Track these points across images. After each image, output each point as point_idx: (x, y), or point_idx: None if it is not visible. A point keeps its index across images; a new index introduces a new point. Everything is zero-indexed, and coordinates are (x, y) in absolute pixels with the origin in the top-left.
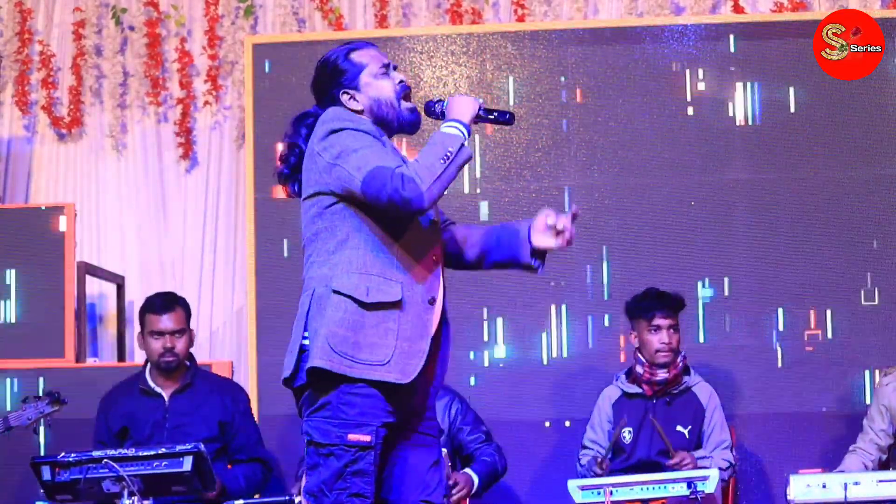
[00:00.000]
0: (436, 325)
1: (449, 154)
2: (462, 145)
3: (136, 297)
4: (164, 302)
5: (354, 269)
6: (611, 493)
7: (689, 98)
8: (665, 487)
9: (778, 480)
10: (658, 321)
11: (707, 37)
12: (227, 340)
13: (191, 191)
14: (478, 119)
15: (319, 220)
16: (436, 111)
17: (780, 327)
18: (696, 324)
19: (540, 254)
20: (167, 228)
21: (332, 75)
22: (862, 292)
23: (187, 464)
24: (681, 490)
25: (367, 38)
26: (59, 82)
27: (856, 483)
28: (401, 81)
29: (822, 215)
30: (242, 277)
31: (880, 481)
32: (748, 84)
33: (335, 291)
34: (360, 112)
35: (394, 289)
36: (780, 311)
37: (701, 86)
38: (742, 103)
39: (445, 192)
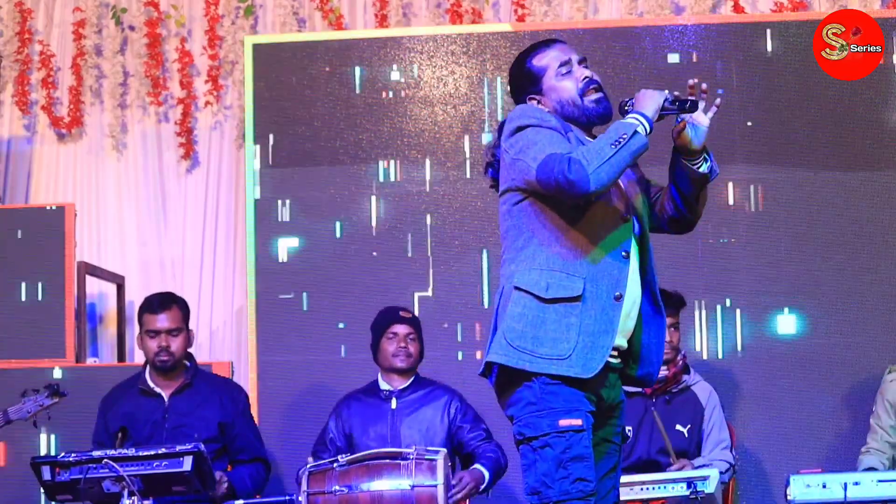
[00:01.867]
0: (630, 322)
1: (621, 140)
2: (636, 132)
3: (136, 297)
4: (161, 301)
5: (537, 265)
6: None
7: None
8: (665, 487)
9: (778, 480)
10: None
11: (707, 37)
12: (226, 340)
13: (191, 191)
14: (663, 111)
15: (509, 218)
16: (625, 109)
17: (781, 327)
18: (696, 323)
19: (696, 154)
20: (167, 228)
21: (519, 82)
22: (864, 291)
23: (187, 464)
24: (680, 490)
25: (367, 36)
26: (59, 82)
27: (856, 483)
28: (585, 77)
29: (823, 215)
30: (242, 277)
31: (880, 481)
32: (748, 83)
33: (517, 288)
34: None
35: (575, 284)
36: (781, 310)
37: (701, 86)
38: (742, 103)
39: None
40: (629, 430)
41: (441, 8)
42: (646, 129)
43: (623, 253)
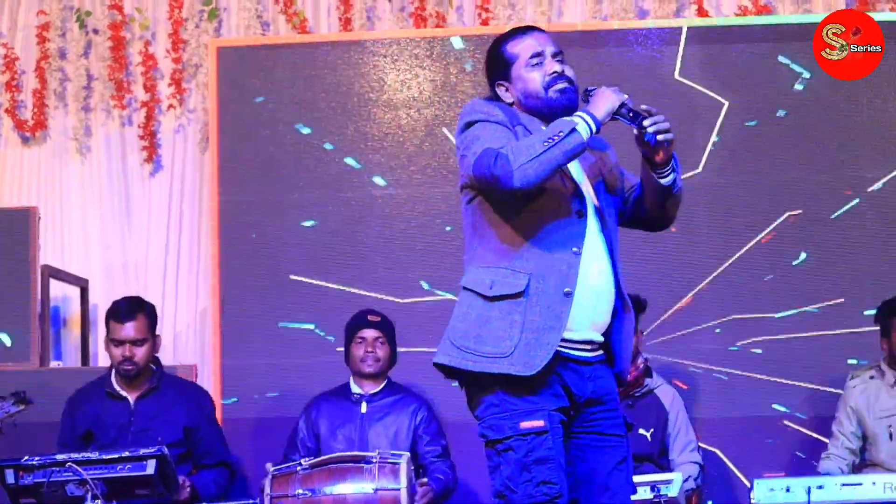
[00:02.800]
0: (598, 316)
1: (555, 137)
2: (573, 130)
3: (99, 301)
4: (127, 309)
5: (485, 263)
6: None
7: (653, 101)
8: None
9: (741, 484)
10: None
11: (671, 40)
12: (190, 343)
13: (155, 194)
14: (616, 114)
15: (465, 217)
16: (586, 98)
17: (743, 330)
18: (659, 326)
19: (660, 165)
20: (131, 231)
21: (490, 67)
22: (827, 294)
23: (150, 467)
24: (645, 494)
25: (331, 40)
26: (23, 85)
27: (819, 487)
28: (554, 72)
29: (785, 219)
30: (206, 280)
31: (844, 485)
32: (713, 87)
33: (464, 287)
34: (513, 104)
35: (520, 280)
36: (744, 314)
37: (664, 89)
38: (706, 106)
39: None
40: None
41: (405, 12)
42: (589, 129)
43: (574, 248)
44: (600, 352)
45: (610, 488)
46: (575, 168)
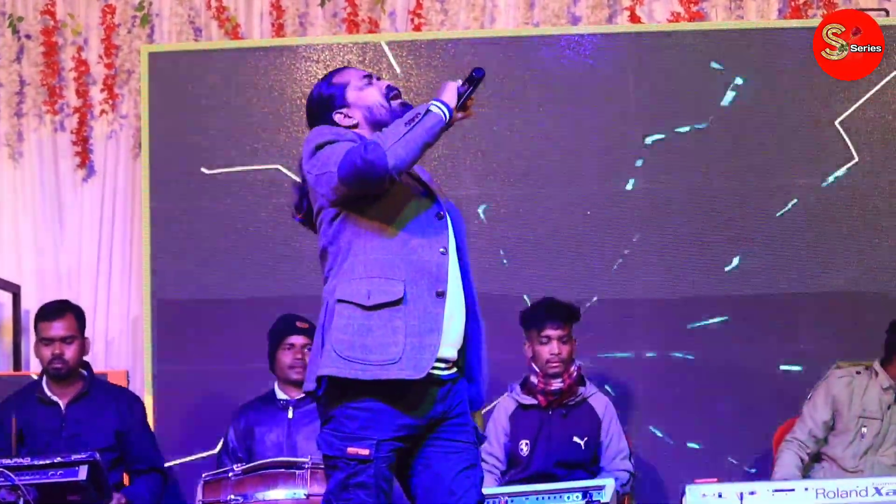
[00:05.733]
0: (455, 325)
1: (414, 118)
2: (429, 111)
3: (32, 306)
4: (55, 309)
5: (357, 275)
6: (506, 503)
7: (585, 107)
8: (560, 497)
9: (673, 490)
10: (548, 332)
11: (604, 46)
12: (122, 349)
13: (87, 200)
14: (461, 97)
15: (324, 236)
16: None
17: (676, 336)
18: (591, 334)
19: None
20: (63, 237)
21: (321, 104)
22: (759, 297)
23: (82, 473)
24: (576, 500)
25: (263, 45)
26: None
27: (751, 493)
28: (386, 85)
29: (717, 225)
30: (138, 286)
31: (776, 491)
32: (644, 94)
33: (339, 300)
34: (356, 126)
35: (396, 287)
36: (676, 320)
37: (597, 95)
38: (638, 113)
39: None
40: (526, 444)
41: (338, 17)
42: (441, 110)
43: (441, 249)
44: (454, 370)
45: (455, 493)
46: (421, 176)
